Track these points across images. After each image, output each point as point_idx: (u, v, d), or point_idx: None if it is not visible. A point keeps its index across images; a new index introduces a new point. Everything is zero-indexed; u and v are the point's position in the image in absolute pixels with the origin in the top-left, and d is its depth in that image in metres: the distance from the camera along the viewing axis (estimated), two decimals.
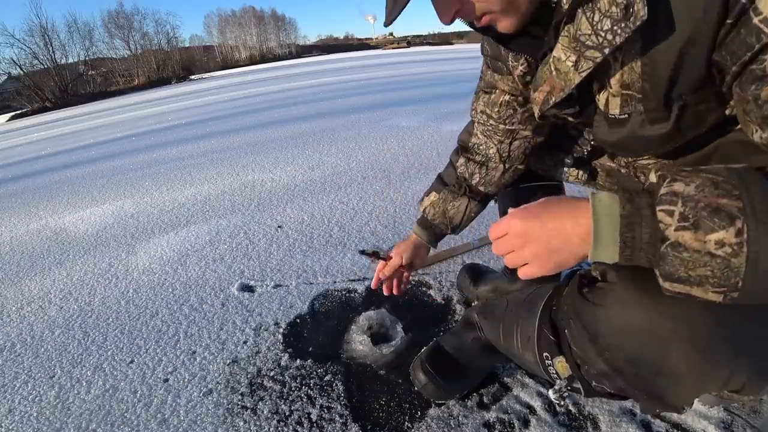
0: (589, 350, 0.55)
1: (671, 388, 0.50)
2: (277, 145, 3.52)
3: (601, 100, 0.58)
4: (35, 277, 1.74)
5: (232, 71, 27.39)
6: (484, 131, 0.89)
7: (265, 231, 1.88)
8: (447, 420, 0.88)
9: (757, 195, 0.38)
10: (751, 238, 0.37)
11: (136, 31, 35.33)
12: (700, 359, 0.47)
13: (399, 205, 2.00)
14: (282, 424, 0.91)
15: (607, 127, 0.60)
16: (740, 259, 0.37)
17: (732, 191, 0.38)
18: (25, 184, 3.57)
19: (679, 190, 0.40)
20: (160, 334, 1.26)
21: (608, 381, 0.56)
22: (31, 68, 26.20)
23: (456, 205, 0.97)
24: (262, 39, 51.35)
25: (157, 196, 2.63)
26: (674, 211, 0.40)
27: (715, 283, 0.39)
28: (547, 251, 0.49)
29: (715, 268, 0.39)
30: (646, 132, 0.55)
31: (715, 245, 0.38)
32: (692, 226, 0.39)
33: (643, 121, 0.55)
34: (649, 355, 0.49)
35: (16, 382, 1.14)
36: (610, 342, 0.52)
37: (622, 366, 0.52)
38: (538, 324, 0.68)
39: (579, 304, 0.56)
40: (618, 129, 0.58)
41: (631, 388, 0.54)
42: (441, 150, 2.85)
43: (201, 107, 7.36)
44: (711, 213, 0.38)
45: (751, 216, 0.37)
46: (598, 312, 0.53)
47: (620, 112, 0.56)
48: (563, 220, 0.47)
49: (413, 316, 1.20)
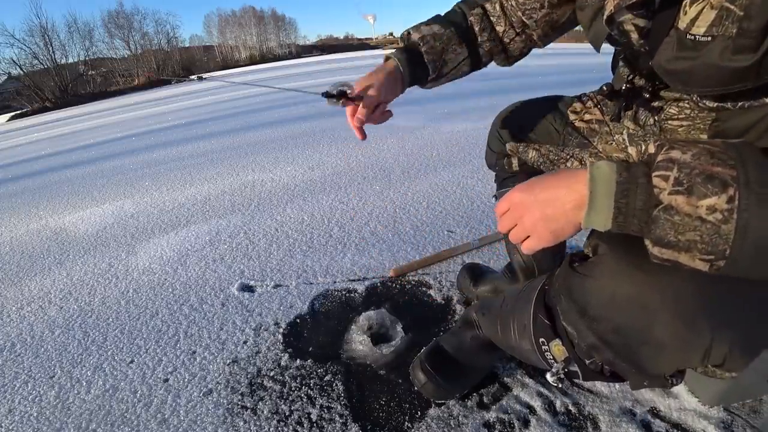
0: (579, 323, 0.56)
1: (654, 357, 0.52)
2: (277, 145, 3.52)
3: (690, 13, 0.50)
4: (35, 277, 1.74)
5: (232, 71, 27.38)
6: (491, 13, 0.84)
7: (265, 231, 1.88)
8: (447, 420, 0.88)
9: (751, 166, 0.39)
10: (742, 205, 0.38)
11: (136, 31, 35.31)
12: (683, 328, 0.48)
13: (399, 205, 2.00)
14: (282, 424, 0.91)
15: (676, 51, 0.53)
16: (730, 225, 0.39)
17: (727, 161, 0.40)
18: (25, 184, 3.57)
19: (675, 157, 0.42)
20: (160, 334, 1.26)
21: (597, 354, 0.57)
22: (31, 68, 26.20)
23: (456, 51, 0.83)
24: (262, 39, 51.34)
25: (157, 196, 2.63)
26: (669, 176, 0.41)
27: (702, 249, 0.41)
28: (543, 220, 0.50)
29: (704, 233, 0.40)
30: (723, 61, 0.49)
31: (706, 210, 0.39)
32: (686, 191, 0.40)
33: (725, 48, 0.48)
34: (635, 325, 0.51)
35: (16, 382, 1.14)
36: (599, 312, 0.53)
37: (609, 337, 0.53)
38: (533, 310, 0.68)
39: (569, 277, 0.57)
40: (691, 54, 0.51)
41: (618, 360, 0.55)
42: (441, 150, 2.85)
43: (201, 107, 7.35)
44: (705, 179, 0.39)
45: (744, 185, 0.38)
46: (587, 283, 0.54)
47: (705, 32, 0.49)
48: (558, 189, 0.49)
49: (413, 316, 1.20)
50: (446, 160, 2.63)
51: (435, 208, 1.93)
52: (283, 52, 51.00)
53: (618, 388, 0.91)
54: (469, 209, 1.88)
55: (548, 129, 0.92)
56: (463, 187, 2.14)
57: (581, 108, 0.89)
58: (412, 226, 1.77)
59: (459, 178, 2.29)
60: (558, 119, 0.91)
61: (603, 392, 0.91)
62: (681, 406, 0.86)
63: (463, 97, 4.86)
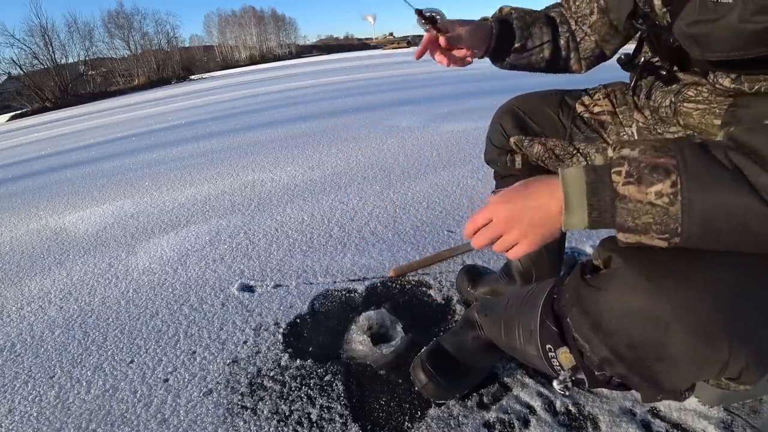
0: (592, 336, 0.55)
1: (669, 372, 0.51)
2: (277, 145, 3.52)
3: None
4: (35, 277, 1.74)
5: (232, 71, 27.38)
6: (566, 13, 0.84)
7: (265, 231, 1.88)
8: (447, 420, 0.88)
9: (689, 154, 0.45)
10: (684, 187, 0.44)
11: (136, 31, 35.35)
12: (699, 343, 0.47)
13: (399, 205, 2.00)
14: (282, 424, 0.91)
15: (697, 14, 0.54)
16: (676, 206, 0.44)
17: (668, 152, 0.46)
18: (25, 184, 3.57)
19: (625, 154, 0.48)
20: (160, 334, 1.26)
21: (610, 368, 0.56)
22: (31, 68, 26.20)
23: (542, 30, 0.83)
24: (262, 39, 51.35)
25: (157, 196, 2.63)
26: (622, 171, 0.47)
27: (657, 230, 0.46)
28: (532, 228, 0.54)
29: (656, 215, 0.45)
30: (742, 24, 0.50)
31: (654, 196, 0.45)
32: (636, 181, 0.46)
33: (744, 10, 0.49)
34: (650, 340, 0.50)
35: (16, 382, 1.14)
36: (613, 326, 0.53)
37: (623, 351, 0.52)
38: (540, 316, 0.67)
39: (582, 289, 0.56)
40: (712, 17, 0.52)
41: (631, 375, 0.54)
42: (441, 150, 2.85)
43: (201, 107, 7.35)
44: (651, 170, 0.45)
45: (683, 170, 0.44)
46: (601, 296, 0.54)
47: None
48: (542, 198, 0.53)
49: (413, 316, 1.20)
50: (446, 160, 2.63)
51: (435, 208, 1.93)
52: (283, 52, 51.02)
53: None
54: (469, 209, 1.88)
55: (554, 122, 0.90)
56: (463, 187, 2.14)
57: (590, 101, 0.88)
58: (412, 226, 1.77)
59: (459, 178, 2.29)
60: (565, 112, 0.89)
61: (603, 392, 0.91)
62: (681, 406, 0.86)
63: (463, 97, 4.86)
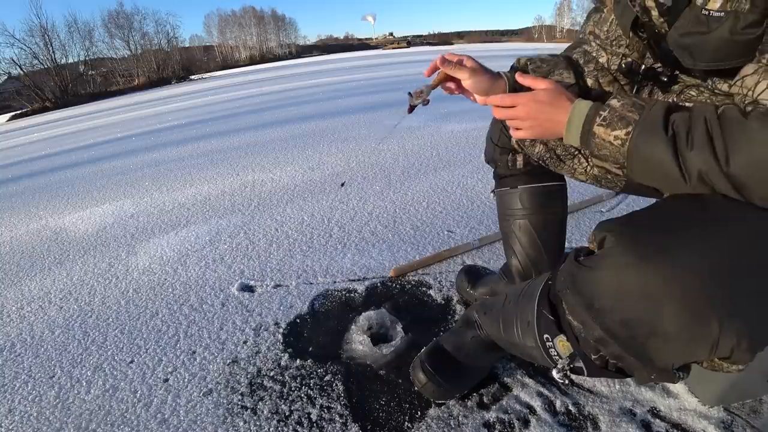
0: (586, 316, 0.57)
1: (661, 348, 0.52)
2: (277, 145, 3.52)
3: None
4: (35, 277, 1.74)
5: (232, 71, 27.38)
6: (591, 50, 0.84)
7: (265, 231, 1.88)
8: (447, 420, 0.88)
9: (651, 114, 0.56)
10: (634, 135, 0.57)
11: (136, 31, 35.27)
12: (691, 319, 0.49)
13: (399, 205, 2.00)
14: (282, 424, 0.91)
15: (689, 26, 0.58)
16: (625, 148, 0.58)
17: (639, 109, 0.58)
18: (25, 184, 3.57)
19: (611, 103, 0.60)
20: (160, 334, 1.26)
21: (605, 347, 0.57)
22: (31, 68, 26.14)
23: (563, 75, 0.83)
24: (262, 39, 51.33)
25: (157, 196, 2.63)
26: (602, 115, 0.60)
27: (612, 160, 0.61)
28: (541, 127, 0.68)
29: (611, 151, 0.60)
30: (732, 36, 0.53)
31: (613, 138, 0.59)
32: (607, 125, 0.59)
33: (735, 24, 0.52)
34: (643, 317, 0.52)
35: (16, 382, 1.14)
36: (606, 305, 0.55)
37: (617, 329, 0.54)
38: (537, 306, 0.69)
39: (575, 270, 0.59)
40: (703, 29, 0.56)
41: (626, 354, 0.55)
42: (441, 150, 2.85)
43: (201, 107, 7.35)
44: (618, 119, 0.58)
45: (639, 124, 0.56)
46: (594, 275, 0.56)
47: (719, 8, 0.53)
48: (559, 114, 0.65)
49: (413, 316, 1.20)
50: (446, 160, 2.63)
51: (435, 208, 1.93)
52: (283, 52, 51.02)
53: (618, 388, 0.91)
54: (469, 209, 1.88)
55: None
56: (463, 187, 2.15)
57: None
58: (412, 226, 1.77)
59: (459, 178, 2.29)
60: None
61: (603, 392, 0.91)
62: (681, 406, 0.86)
63: (463, 98, 4.86)
